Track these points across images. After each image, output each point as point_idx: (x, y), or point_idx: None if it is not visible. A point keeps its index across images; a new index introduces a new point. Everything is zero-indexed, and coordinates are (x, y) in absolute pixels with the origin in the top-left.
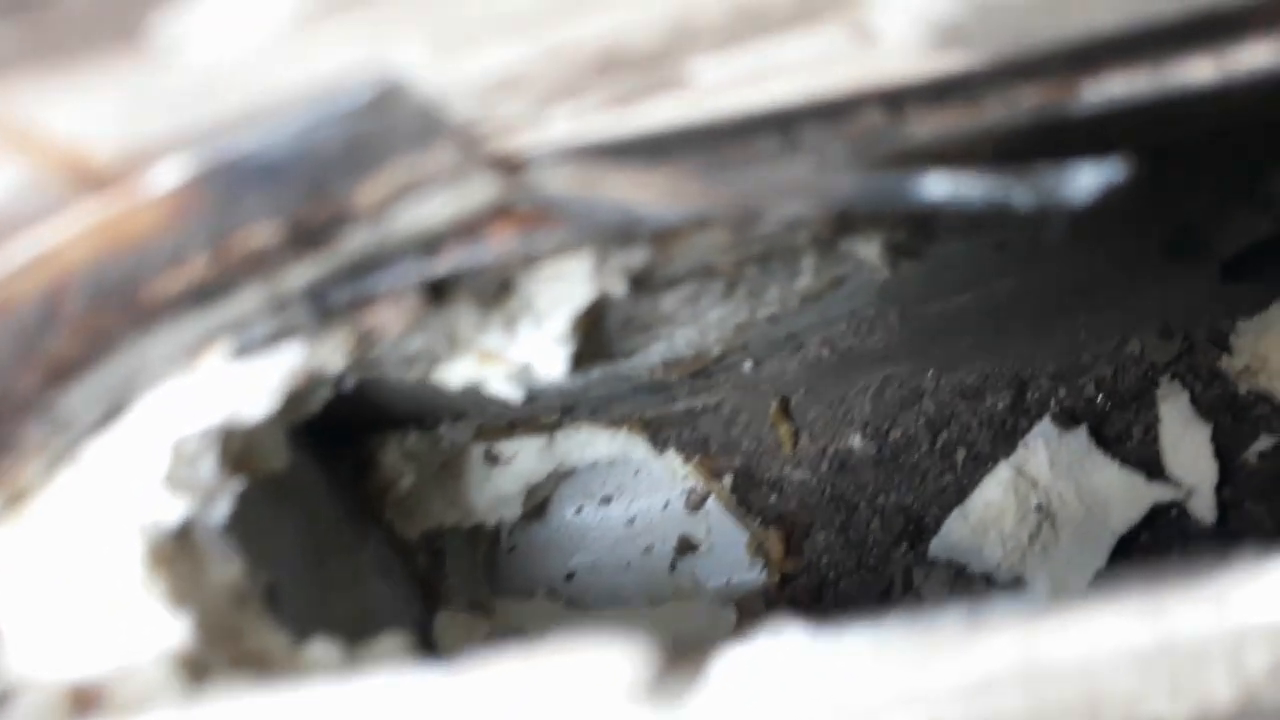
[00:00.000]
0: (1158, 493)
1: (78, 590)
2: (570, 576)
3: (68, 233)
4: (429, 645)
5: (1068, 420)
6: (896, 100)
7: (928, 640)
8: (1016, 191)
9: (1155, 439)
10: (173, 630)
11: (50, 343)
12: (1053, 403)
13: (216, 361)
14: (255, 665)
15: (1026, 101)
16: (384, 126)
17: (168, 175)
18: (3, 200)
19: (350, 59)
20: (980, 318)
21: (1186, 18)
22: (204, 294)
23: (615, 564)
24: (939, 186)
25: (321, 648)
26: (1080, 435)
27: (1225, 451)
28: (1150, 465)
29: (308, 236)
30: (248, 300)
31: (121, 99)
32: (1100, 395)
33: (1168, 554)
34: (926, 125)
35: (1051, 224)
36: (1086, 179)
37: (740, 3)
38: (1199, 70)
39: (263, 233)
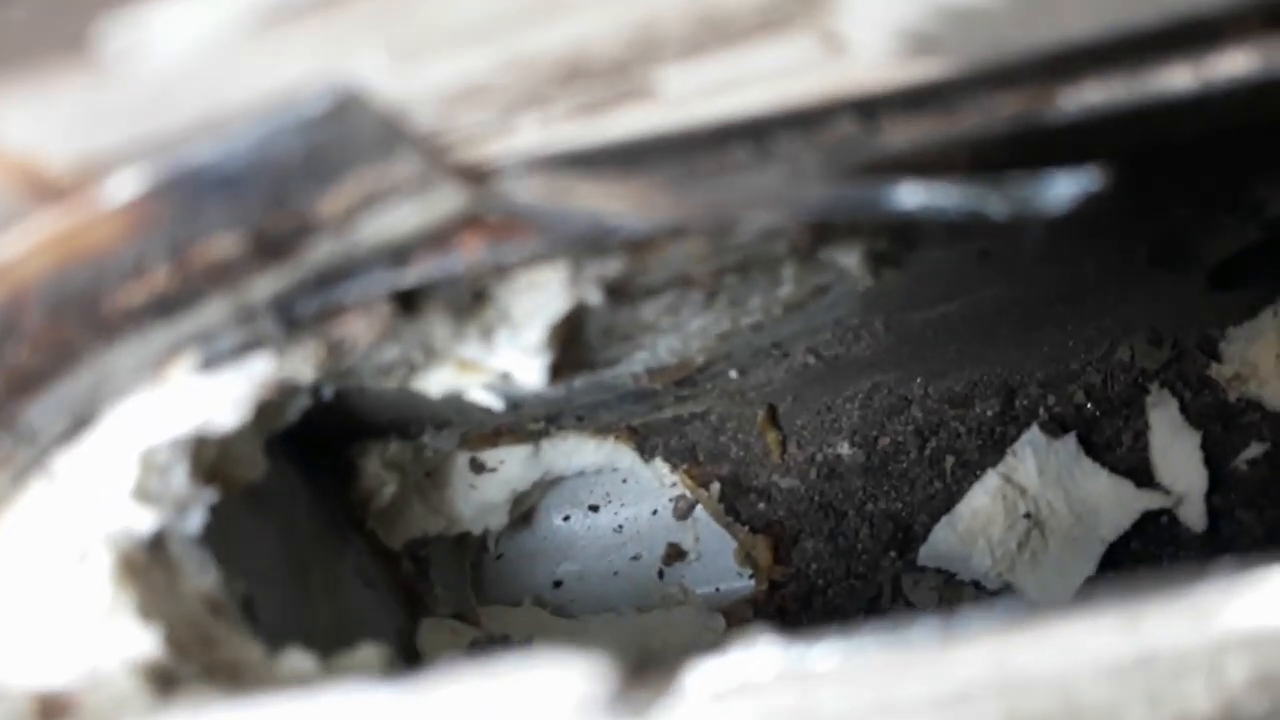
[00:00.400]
0: (1147, 500)
1: (47, 600)
2: (558, 584)
3: (25, 244)
4: (413, 654)
5: (1057, 428)
6: (870, 109)
7: (902, 651)
8: (991, 201)
9: (1145, 446)
10: (142, 641)
11: (10, 355)
12: (1042, 410)
13: (183, 373)
14: (228, 676)
15: (1002, 110)
16: (344, 136)
17: (125, 186)
18: None
19: (307, 68)
20: (967, 325)
21: (1163, 26)
22: (167, 305)
23: (603, 571)
24: (913, 196)
25: (297, 658)
26: (1069, 443)
27: (1215, 459)
28: (1140, 473)
29: (271, 247)
30: (212, 312)
31: (73, 109)
32: (1089, 402)
33: (1158, 562)
34: (901, 134)
35: (1027, 233)
36: (1062, 188)
37: (704, 12)
38: (1177, 78)
39: (224, 243)
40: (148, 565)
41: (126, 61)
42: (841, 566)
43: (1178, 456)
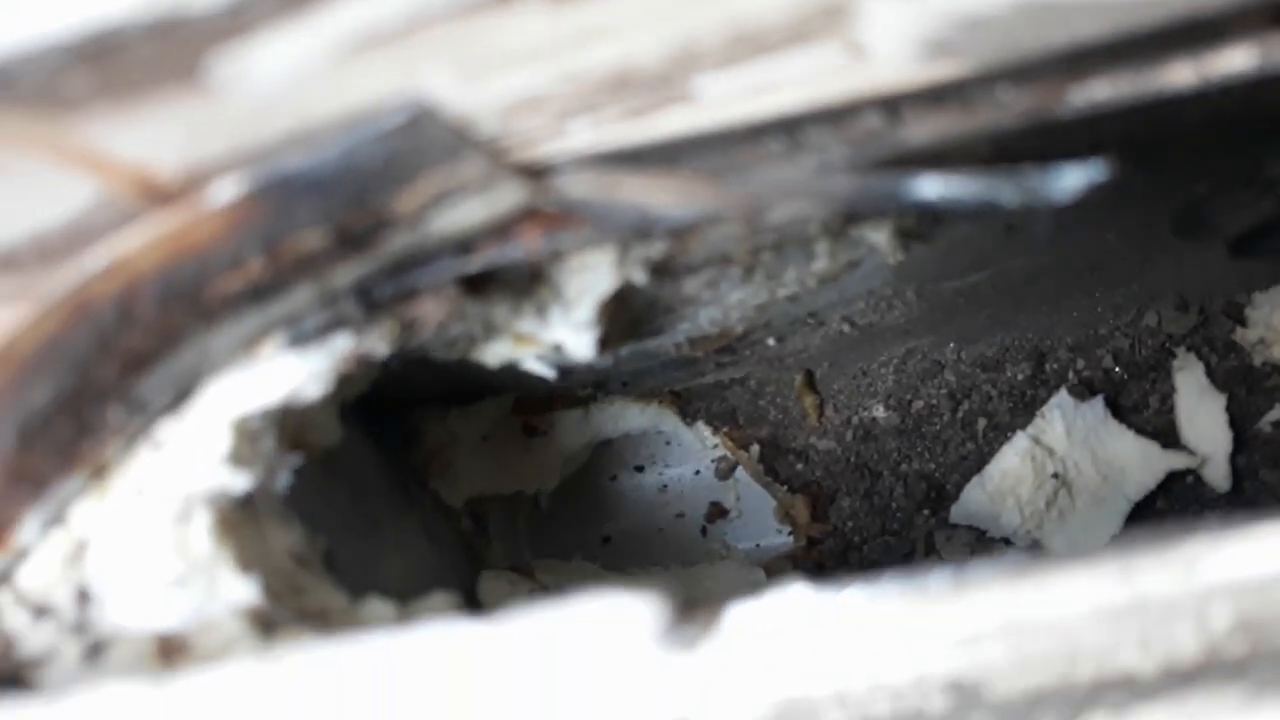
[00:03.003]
0: (1173, 461)
1: (156, 553)
2: (606, 540)
3: (139, 242)
4: (474, 604)
5: (1085, 391)
6: (893, 105)
7: (919, 597)
8: (1004, 191)
9: (1171, 409)
10: (243, 589)
11: (126, 338)
12: (1071, 374)
13: (273, 351)
14: (318, 621)
15: (1017, 105)
16: (417, 144)
17: (226, 190)
18: (81, 215)
19: (385, 87)
20: (997, 294)
21: (1167, 25)
22: (260, 292)
23: (648, 529)
24: (932, 187)
25: (377, 605)
26: (1096, 406)
27: (1240, 421)
28: (1166, 434)
29: (353, 240)
30: (300, 297)
31: (184, 126)
32: (1118, 366)
33: (1183, 520)
34: (923, 128)
35: (1038, 219)
36: (1070, 179)
37: (738, 29)
38: (1179, 75)
39: (312, 238)
40: (241, 522)
41: (230, 86)
42: (877, 524)
43: (1203, 418)
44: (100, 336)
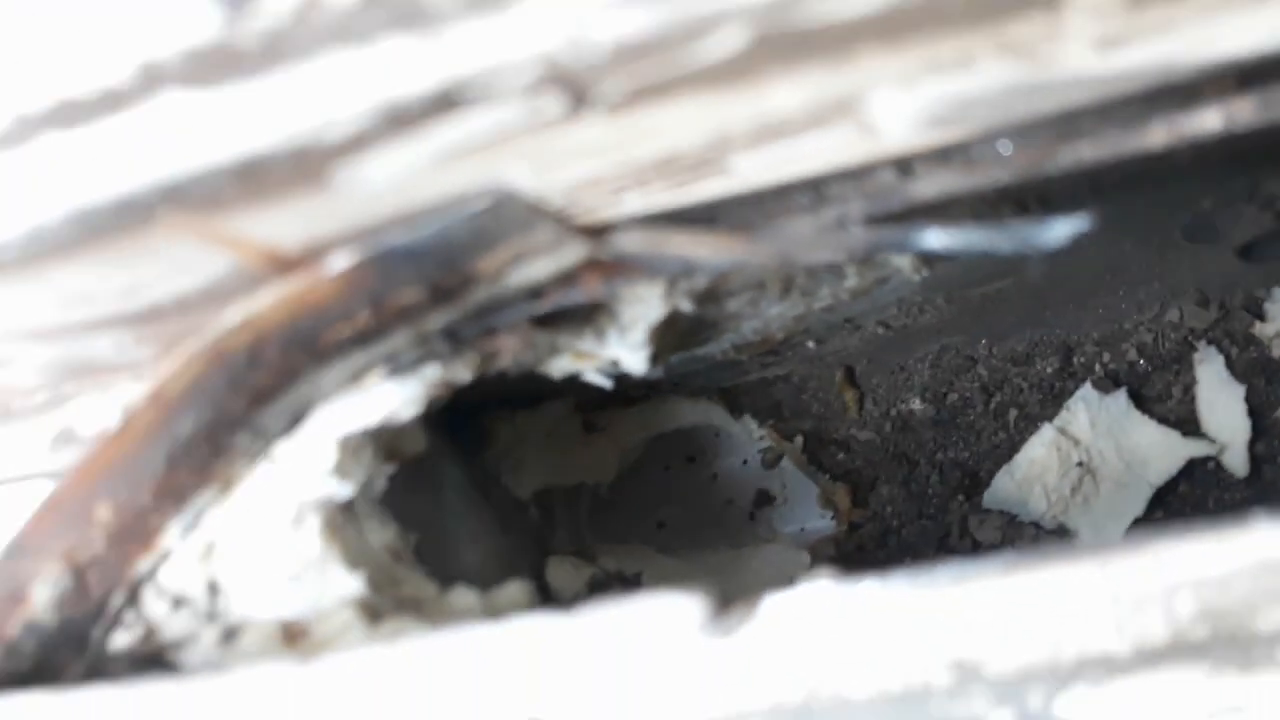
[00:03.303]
0: (1193, 448)
1: (274, 553)
2: (661, 525)
3: (267, 301)
4: (543, 587)
5: (1109, 384)
6: (906, 163)
7: (926, 587)
8: (999, 241)
9: (1192, 399)
10: (350, 582)
11: (253, 378)
12: (1097, 366)
13: (374, 381)
14: (414, 609)
15: (1015, 162)
16: (498, 220)
17: (340, 260)
18: (221, 281)
19: (473, 179)
20: (1023, 297)
21: (1143, 93)
22: (366, 338)
23: (700, 515)
24: (936, 238)
25: (462, 593)
26: (1120, 398)
27: (1258, 410)
28: (1188, 423)
29: (444, 295)
30: (398, 340)
31: (309, 213)
32: (1142, 359)
33: (1203, 504)
34: (932, 182)
35: (1030, 264)
36: (1058, 229)
37: (764, 120)
38: (1155, 136)
39: (410, 294)
40: (344, 524)
41: (348, 185)
42: (914, 509)
43: (1223, 408)
44: (233, 378)
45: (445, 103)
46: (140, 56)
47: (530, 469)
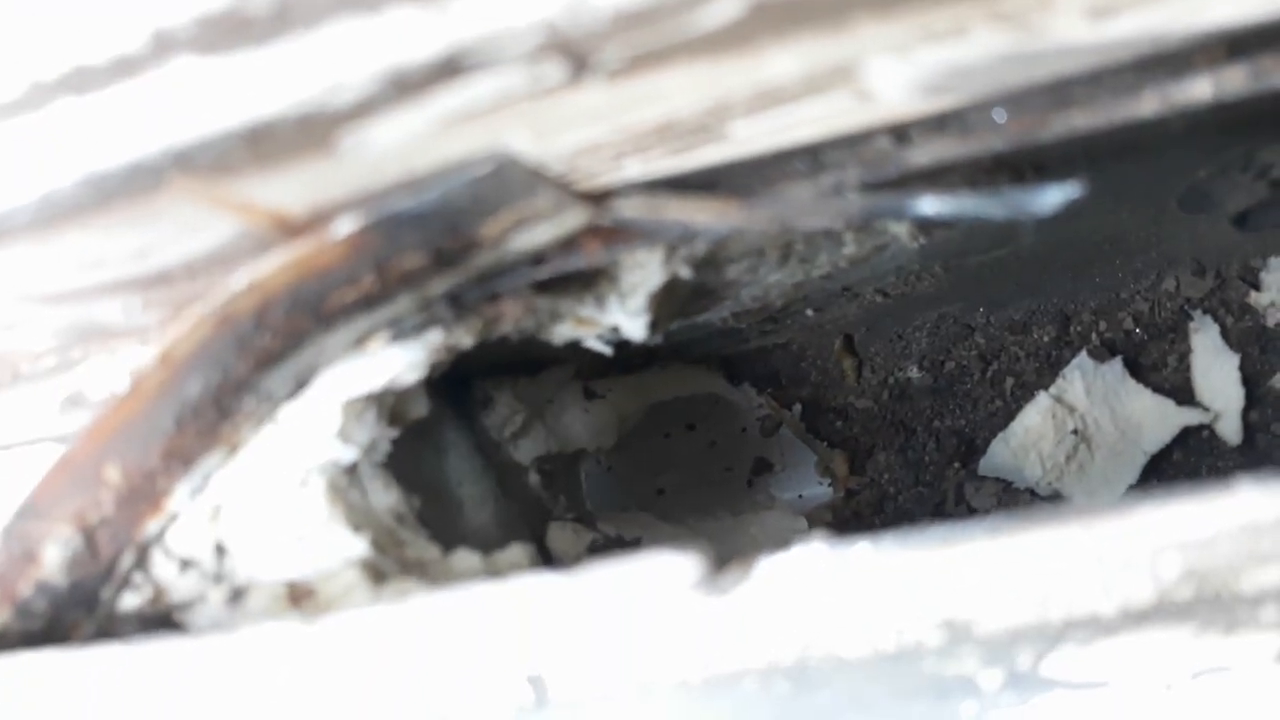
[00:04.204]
0: (1188, 416)
1: (280, 515)
2: (660, 492)
3: (273, 265)
4: (544, 552)
5: (1105, 352)
6: (902, 130)
7: (917, 550)
8: (992, 208)
9: (1187, 368)
10: (355, 544)
11: (259, 341)
12: (1094, 335)
13: (378, 346)
14: (417, 570)
15: (1009, 129)
16: (500, 185)
17: (345, 225)
18: (228, 245)
19: (475, 145)
20: (1021, 264)
21: (1134, 62)
22: (370, 302)
23: (699, 481)
24: (930, 205)
25: (465, 556)
26: (1115, 366)
27: (1252, 379)
28: (1182, 392)
29: (446, 260)
30: (402, 304)
31: (314, 179)
32: (1138, 328)
33: (1197, 471)
34: (928, 149)
35: (1023, 230)
36: (1050, 196)
37: (761, 86)
38: (1147, 104)
39: (413, 259)
40: (348, 487)
41: (353, 151)
42: (910, 476)
43: (1217, 377)
44: (240, 341)
45: (449, 69)
46: (153, 23)
47: (531, 435)
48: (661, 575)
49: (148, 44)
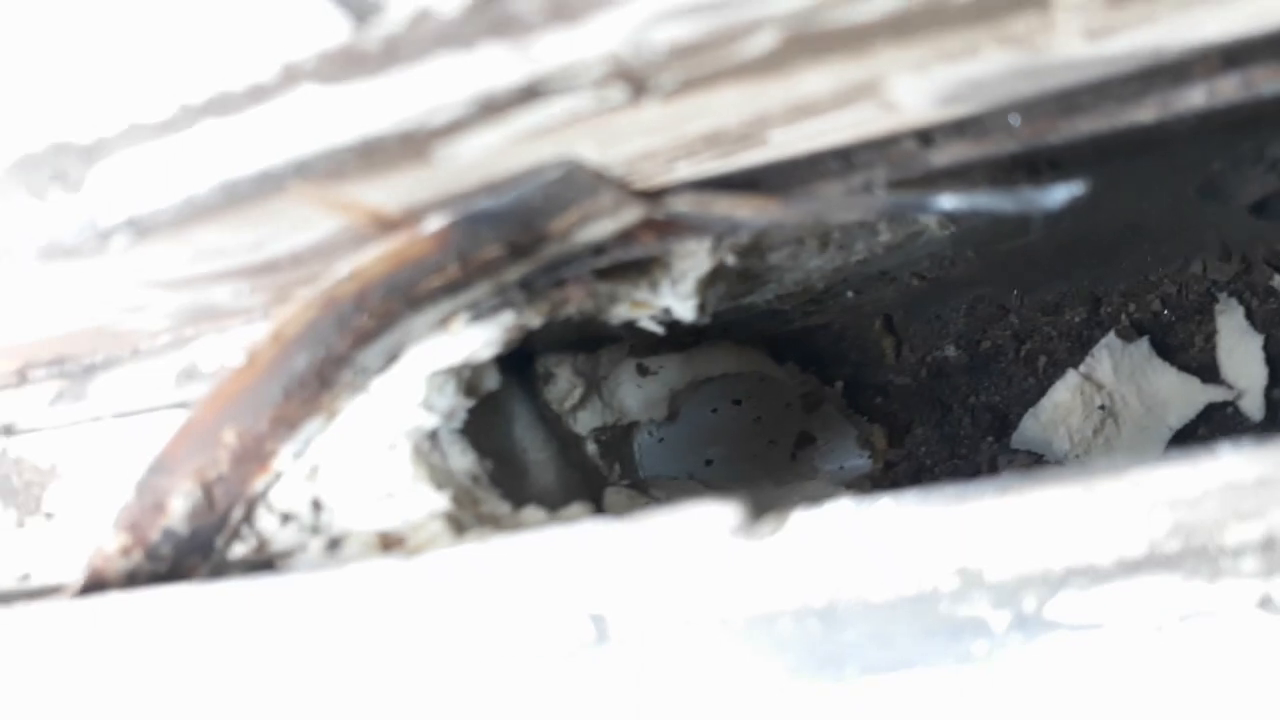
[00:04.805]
0: (1212, 394)
1: (372, 473)
2: (708, 463)
3: (372, 256)
4: (601, 514)
5: (1132, 332)
6: (926, 133)
7: (934, 505)
8: (1005, 203)
9: (1213, 347)
10: (438, 500)
11: (358, 321)
12: (1123, 316)
13: (459, 325)
14: (492, 523)
15: (1023, 133)
16: (568, 187)
17: (434, 222)
18: (330, 237)
19: (547, 154)
20: (1050, 250)
21: (1137, 72)
22: (453, 288)
23: (745, 453)
24: (950, 201)
25: (533, 511)
26: (1142, 345)
27: (1276, 359)
28: (1208, 370)
29: (520, 251)
30: (481, 289)
31: (408, 185)
32: (1165, 309)
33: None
34: (949, 150)
35: (1033, 224)
36: (1058, 194)
37: (796, 101)
38: (1147, 111)
39: (492, 251)
40: (430, 450)
41: (445, 160)
42: (946, 449)
43: (1242, 356)
44: (341, 321)
45: (529, 94)
46: (283, 57)
47: (589, 408)
48: (705, 521)
49: (278, 74)
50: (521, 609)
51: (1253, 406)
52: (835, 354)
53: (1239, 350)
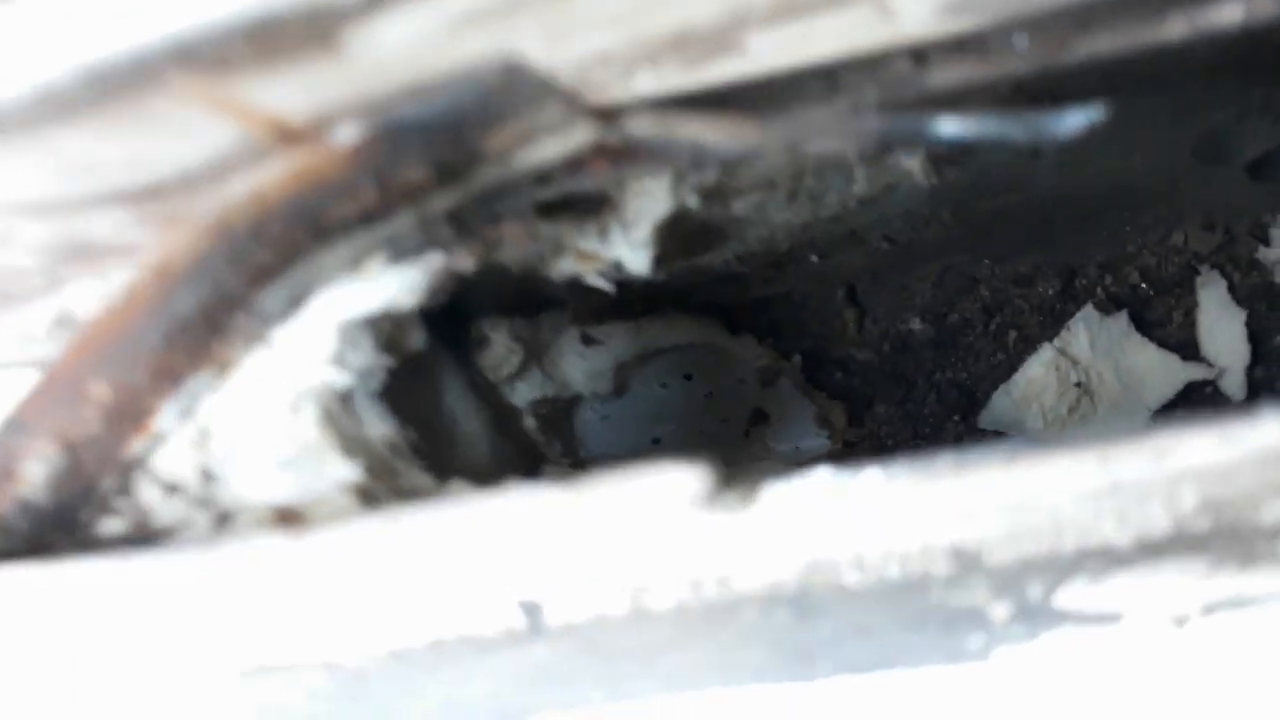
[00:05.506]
0: (1192, 372)
1: (271, 438)
2: (656, 441)
3: (273, 175)
4: None
5: (1110, 305)
6: (921, 52)
7: (926, 476)
8: (1013, 129)
9: (1194, 323)
10: (347, 470)
11: (255, 254)
12: (1099, 290)
13: (376, 266)
14: (411, 498)
15: (1030, 54)
16: (508, 93)
17: (347, 133)
18: (224, 152)
19: (484, 49)
20: (1029, 214)
21: None
22: (369, 217)
23: (695, 431)
24: (950, 126)
25: (461, 486)
26: (1120, 319)
27: (1258, 336)
28: (1188, 347)
29: (449, 174)
30: (402, 222)
31: (317, 82)
32: (1144, 283)
33: None
34: (947, 72)
35: (1043, 154)
36: (1073, 120)
37: None
38: (1174, 28)
39: (416, 172)
40: (342, 414)
41: (358, 51)
42: (909, 429)
43: (1223, 332)
44: (235, 254)
45: None
46: None
47: (527, 380)
48: (664, 488)
49: None
50: (439, 594)
51: (1234, 386)
52: (794, 325)
53: (1220, 326)
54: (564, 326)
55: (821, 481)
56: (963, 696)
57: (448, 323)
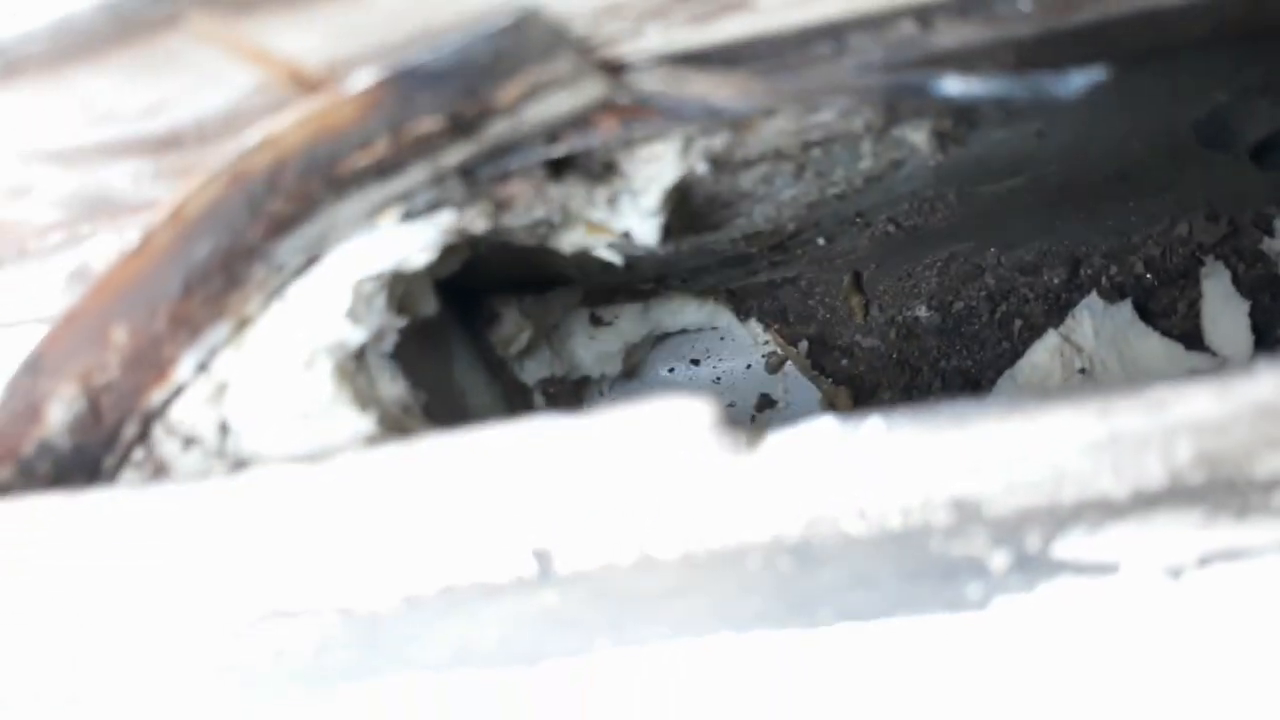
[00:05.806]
0: (1195, 361)
1: (287, 392)
2: None
3: (288, 123)
4: None
5: (1116, 295)
6: (927, 14)
7: (928, 428)
8: (1017, 89)
9: (1198, 313)
10: (361, 422)
11: (271, 204)
12: (1104, 279)
13: (389, 223)
14: None
15: (1034, 16)
16: (521, 42)
17: (361, 80)
18: (241, 99)
19: None
20: (1034, 200)
21: None
22: (383, 169)
23: None
24: (954, 85)
25: None
26: (1125, 308)
27: (1261, 326)
28: (1191, 337)
29: (462, 126)
30: (415, 175)
31: (333, 28)
32: (1149, 273)
33: None
34: (952, 34)
35: (1047, 133)
36: (1075, 80)
37: None
38: None
39: (429, 122)
40: (355, 371)
41: None
42: None
43: (1227, 323)
44: (251, 202)
45: None
46: None
47: (537, 358)
48: (681, 414)
49: None
50: (452, 538)
51: None
52: (801, 311)
53: (1224, 317)
54: (573, 305)
55: (825, 429)
56: (961, 645)
57: (459, 297)
